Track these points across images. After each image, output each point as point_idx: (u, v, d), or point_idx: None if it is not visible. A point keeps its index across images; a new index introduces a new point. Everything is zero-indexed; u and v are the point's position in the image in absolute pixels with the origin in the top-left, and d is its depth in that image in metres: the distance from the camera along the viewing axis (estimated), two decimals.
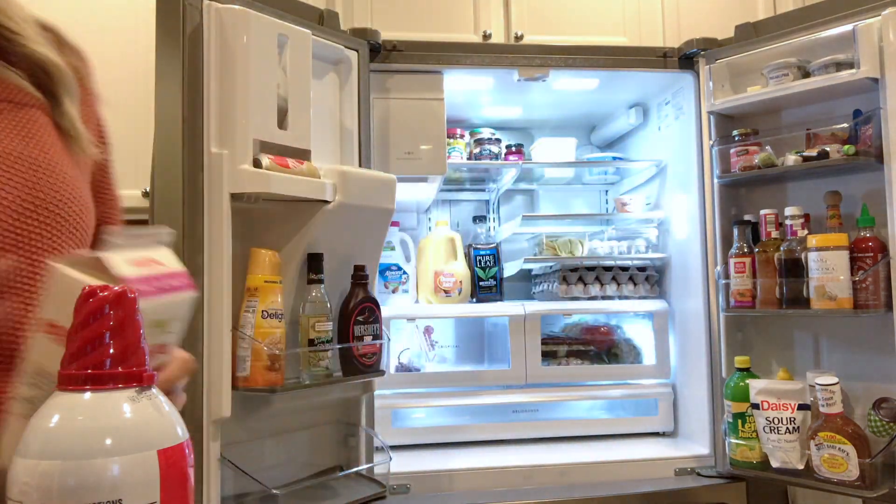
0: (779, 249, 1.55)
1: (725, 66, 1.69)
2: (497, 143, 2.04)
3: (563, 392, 1.86)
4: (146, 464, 0.40)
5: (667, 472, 1.65)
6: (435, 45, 1.71)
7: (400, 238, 2.02)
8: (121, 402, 0.41)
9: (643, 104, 2.07)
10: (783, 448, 1.49)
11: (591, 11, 2.01)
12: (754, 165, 1.59)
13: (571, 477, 1.62)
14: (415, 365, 1.88)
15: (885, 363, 1.45)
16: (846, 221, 1.50)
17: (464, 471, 1.60)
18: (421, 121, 1.71)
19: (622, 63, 1.76)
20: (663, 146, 1.97)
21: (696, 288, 1.74)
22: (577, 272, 1.94)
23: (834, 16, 1.50)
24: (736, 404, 1.57)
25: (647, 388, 1.89)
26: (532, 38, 1.94)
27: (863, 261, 1.43)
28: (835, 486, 1.41)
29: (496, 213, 2.28)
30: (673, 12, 2.04)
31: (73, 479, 0.38)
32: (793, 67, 1.56)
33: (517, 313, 1.84)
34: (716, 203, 1.68)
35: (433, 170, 1.73)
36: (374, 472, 1.51)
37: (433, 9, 1.92)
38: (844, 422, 1.42)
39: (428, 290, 1.95)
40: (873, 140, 1.44)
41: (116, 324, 0.42)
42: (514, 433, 1.83)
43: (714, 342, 1.68)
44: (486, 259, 2.01)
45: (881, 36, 1.40)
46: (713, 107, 1.69)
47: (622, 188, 2.25)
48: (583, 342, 1.95)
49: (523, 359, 1.82)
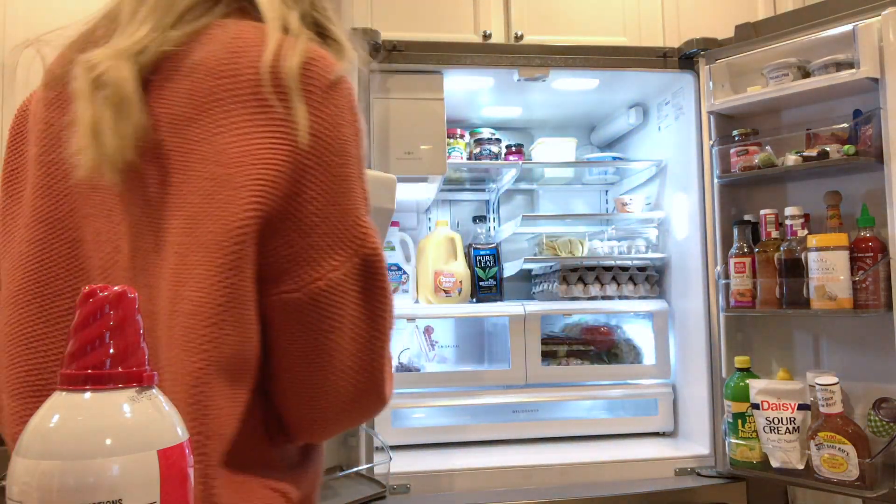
0: (779, 249, 1.55)
1: (725, 66, 1.69)
2: (497, 143, 2.04)
3: (563, 392, 1.86)
4: (146, 464, 0.40)
5: (667, 472, 1.65)
6: (435, 45, 1.71)
7: (400, 238, 2.02)
8: (121, 402, 0.41)
9: (643, 104, 2.07)
10: (783, 448, 1.49)
11: (591, 11, 2.01)
12: (754, 165, 1.59)
13: (571, 477, 1.62)
14: (415, 365, 1.88)
15: (885, 363, 1.45)
16: (846, 221, 1.50)
17: (464, 471, 1.60)
18: (421, 121, 1.71)
19: (622, 63, 1.76)
20: (663, 146, 1.97)
21: (696, 288, 1.74)
22: (577, 272, 1.94)
23: (834, 16, 1.50)
24: (736, 404, 1.57)
25: (647, 388, 1.89)
26: (532, 38, 1.94)
27: (863, 261, 1.43)
28: (835, 486, 1.41)
29: (496, 213, 2.28)
30: (673, 12, 2.04)
31: (73, 479, 0.38)
32: (793, 67, 1.56)
33: (517, 313, 1.84)
34: (716, 203, 1.68)
35: (433, 170, 1.73)
36: (375, 471, 1.51)
37: (433, 9, 1.92)
38: (844, 422, 1.42)
39: (428, 290, 1.95)
40: (873, 140, 1.44)
41: (116, 324, 0.42)
42: (514, 433, 1.83)
43: (714, 342, 1.68)
44: (486, 259, 2.01)
45: (881, 36, 1.40)
46: (713, 107, 1.69)
47: (622, 188, 2.25)
48: (583, 342, 1.95)
49: (523, 359, 1.82)
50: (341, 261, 0.58)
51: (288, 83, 0.57)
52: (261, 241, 0.56)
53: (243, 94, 0.57)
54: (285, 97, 0.57)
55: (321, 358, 0.59)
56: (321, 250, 0.57)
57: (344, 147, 0.59)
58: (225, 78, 0.58)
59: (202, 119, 0.57)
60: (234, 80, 0.57)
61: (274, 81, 0.57)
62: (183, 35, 0.60)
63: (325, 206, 0.57)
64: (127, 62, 0.58)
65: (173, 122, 0.58)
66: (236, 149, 0.55)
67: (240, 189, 0.54)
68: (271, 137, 0.56)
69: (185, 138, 0.57)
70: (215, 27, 0.61)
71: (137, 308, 0.43)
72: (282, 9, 0.63)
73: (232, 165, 0.55)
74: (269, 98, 0.56)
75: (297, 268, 0.57)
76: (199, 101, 0.57)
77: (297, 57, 0.58)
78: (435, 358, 1.96)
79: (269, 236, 0.56)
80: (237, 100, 0.57)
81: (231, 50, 0.59)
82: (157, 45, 0.59)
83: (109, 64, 0.58)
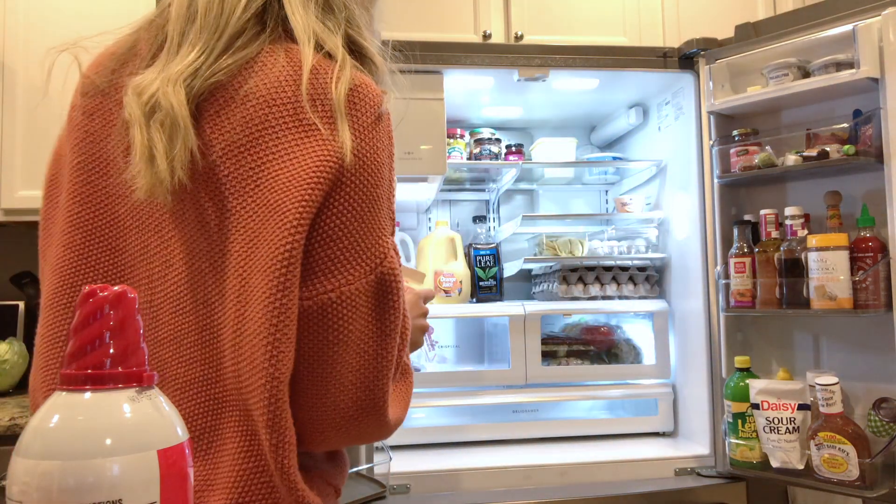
0: (779, 249, 1.55)
1: (725, 66, 1.69)
2: (497, 143, 2.04)
3: (563, 392, 1.86)
4: (146, 464, 0.40)
5: (667, 472, 1.66)
6: (435, 45, 1.71)
7: (400, 238, 2.02)
8: (121, 402, 0.41)
9: (643, 104, 2.07)
10: (783, 448, 1.49)
11: (591, 11, 2.01)
12: (754, 165, 1.59)
13: (571, 477, 1.62)
14: (415, 365, 1.88)
15: (885, 363, 1.45)
16: (846, 221, 1.50)
17: (464, 470, 1.60)
18: (421, 121, 1.71)
19: (622, 63, 1.76)
20: (663, 146, 1.97)
21: (696, 288, 1.74)
22: (577, 272, 1.94)
23: (834, 16, 1.50)
24: (736, 404, 1.57)
25: (647, 388, 1.89)
26: (532, 38, 1.94)
27: (863, 261, 1.43)
28: (835, 486, 1.41)
29: (496, 213, 2.28)
30: (673, 12, 2.04)
31: (72, 479, 0.38)
32: (793, 67, 1.56)
33: (517, 313, 1.84)
34: (716, 203, 1.68)
35: (433, 170, 1.73)
36: (375, 471, 1.51)
37: (433, 9, 1.92)
38: (844, 422, 1.42)
39: None
40: (873, 140, 1.44)
41: (116, 324, 0.42)
42: (514, 433, 1.83)
43: (714, 342, 1.68)
44: (486, 259, 2.01)
45: (881, 36, 1.40)
46: (713, 107, 1.69)
47: (622, 188, 2.25)
48: (583, 342, 1.95)
49: (523, 359, 1.82)
50: (357, 276, 0.60)
51: (335, 108, 0.60)
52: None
53: (292, 121, 0.60)
54: (331, 121, 0.60)
55: (322, 369, 0.60)
56: (339, 262, 0.59)
57: (379, 170, 0.62)
58: (276, 106, 0.61)
59: (256, 146, 0.60)
60: (283, 108, 0.60)
61: (322, 107, 0.60)
62: (234, 63, 0.63)
63: (350, 221, 0.60)
64: (180, 87, 0.60)
65: (229, 148, 0.61)
66: (286, 174, 0.58)
67: (286, 214, 0.57)
68: (317, 160, 0.59)
69: (241, 165, 0.60)
70: (266, 55, 0.64)
71: (137, 308, 0.43)
72: (322, 32, 0.65)
73: (281, 191, 0.58)
74: (315, 123, 0.60)
75: (313, 276, 0.59)
76: (252, 129, 0.60)
77: (343, 85, 0.61)
78: (435, 358, 1.96)
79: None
80: (286, 126, 0.60)
81: (282, 79, 0.62)
82: (210, 72, 0.62)
83: (163, 89, 0.60)
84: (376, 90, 0.65)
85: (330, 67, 0.62)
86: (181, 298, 0.63)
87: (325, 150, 0.59)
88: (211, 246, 0.62)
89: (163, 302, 0.64)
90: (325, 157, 0.59)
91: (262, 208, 0.59)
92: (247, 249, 0.59)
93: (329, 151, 0.59)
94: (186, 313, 0.63)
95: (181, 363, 0.63)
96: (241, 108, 0.61)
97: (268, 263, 0.57)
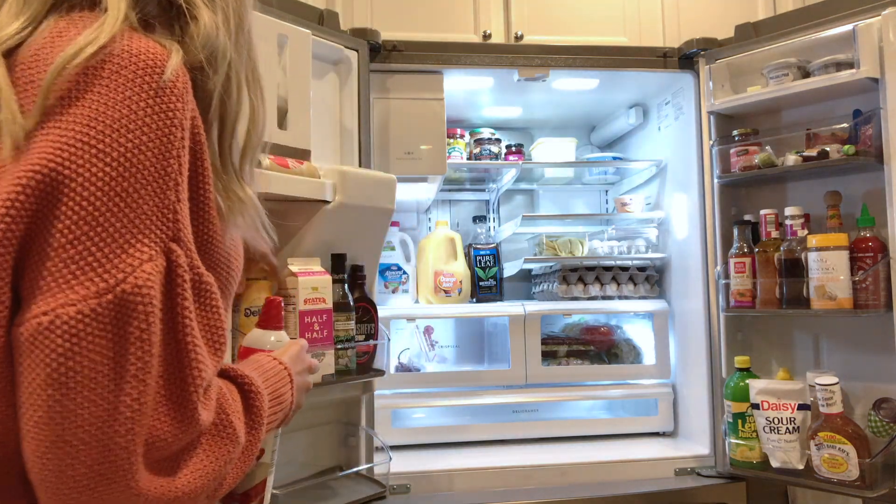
0: (779, 249, 1.54)
1: (725, 66, 1.69)
2: (497, 143, 2.04)
3: (563, 392, 1.86)
4: None
5: (667, 472, 1.65)
6: (435, 45, 1.71)
7: (400, 238, 2.02)
8: None
9: (643, 104, 2.07)
10: (783, 448, 1.49)
11: (591, 11, 2.01)
12: (754, 165, 1.59)
13: (571, 477, 1.62)
14: (415, 365, 1.88)
15: (885, 363, 1.45)
16: (846, 221, 1.50)
17: (464, 471, 1.60)
18: (421, 121, 1.71)
19: (622, 63, 1.76)
20: (663, 146, 1.97)
21: (696, 288, 1.74)
22: (577, 272, 1.94)
23: (834, 16, 1.50)
24: (736, 404, 1.57)
25: (647, 388, 1.89)
26: (532, 38, 1.94)
27: (863, 261, 1.43)
28: (835, 486, 1.41)
29: (496, 213, 2.28)
30: (673, 12, 2.04)
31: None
32: (793, 67, 1.56)
33: (517, 313, 1.84)
34: (716, 203, 1.68)
35: (433, 170, 1.73)
36: (374, 472, 1.51)
37: (433, 9, 1.92)
38: (844, 422, 1.42)
39: (428, 290, 1.95)
40: (873, 140, 1.43)
41: None
42: (514, 433, 1.82)
43: (714, 342, 1.68)
44: (486, 259, 2.01)
45: (881, 36, 1.40)
46: (713, 107, 1.68)
47: (622, 188, 2.25)
48: (583, 342, 1.95)
49: (523, 359, 1.82)
50: (83, 295, 0.48)
51: (70, 78, 0.51)
52: (16, 264, 0.49)
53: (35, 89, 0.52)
54: (65, 94, 0.51)
55: (45, 420, 0.47)
56: (59, 278, 0.48)
57: (125, 156, 0.51)
58: (29, 69, 0.53)
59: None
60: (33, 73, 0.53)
61: (58, 77, 0.51)
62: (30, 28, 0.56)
63: (79, 227, 0.49)
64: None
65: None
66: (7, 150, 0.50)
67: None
68: (37, 142, 0.50)
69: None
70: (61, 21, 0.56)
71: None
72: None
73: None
74: (48, 95, 0.51)
75: (31, 298, 0.48)
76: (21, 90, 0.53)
77: (75, 58, 0.51)
78: (435, 358, 1.96)
79: (21, 259, 0.49)
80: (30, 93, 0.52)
81: (43, 44, 0.54)
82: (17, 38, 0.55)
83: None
84: (144, 57, 0.53)
85: (70, 33, 0.53)
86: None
87: (49, 130, 0.50)
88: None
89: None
90: (43, 142, 0.49)
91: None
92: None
93: (51, 133, 0.50)
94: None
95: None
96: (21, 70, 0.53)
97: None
